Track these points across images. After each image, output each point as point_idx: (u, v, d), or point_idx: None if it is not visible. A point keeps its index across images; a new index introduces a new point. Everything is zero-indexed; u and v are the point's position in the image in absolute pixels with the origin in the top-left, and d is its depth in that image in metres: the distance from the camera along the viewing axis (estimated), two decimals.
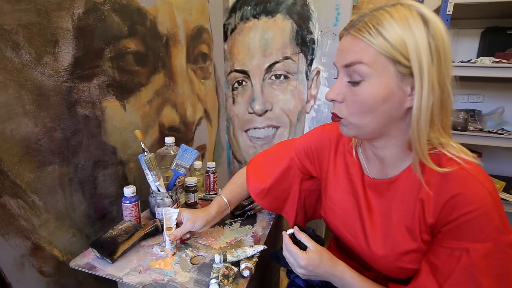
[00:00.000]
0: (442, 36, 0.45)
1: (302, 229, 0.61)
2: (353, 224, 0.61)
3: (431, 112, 0.46)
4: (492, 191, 0.46)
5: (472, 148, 0.52)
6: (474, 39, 1.79)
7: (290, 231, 0.61)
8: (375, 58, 0.45)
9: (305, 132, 1.78)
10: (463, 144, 0.52)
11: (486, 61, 1.44)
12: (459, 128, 1.51)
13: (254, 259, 0.65)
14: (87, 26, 0.75)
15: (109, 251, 0.64)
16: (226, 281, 0.58)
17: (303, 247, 0.58)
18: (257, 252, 0.67)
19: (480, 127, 1.58)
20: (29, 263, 0.66)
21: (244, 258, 0.65)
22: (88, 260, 0.67)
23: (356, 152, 0.63)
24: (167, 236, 0.67)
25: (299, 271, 0.57)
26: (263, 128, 1.93)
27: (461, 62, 1.49)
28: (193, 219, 0.71)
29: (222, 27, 1.60)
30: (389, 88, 0.47)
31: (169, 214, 0.71)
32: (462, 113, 1.52)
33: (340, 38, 0.52)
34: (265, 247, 0.68)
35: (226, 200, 0.78)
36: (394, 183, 0.55)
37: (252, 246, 0.67)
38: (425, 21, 0.45)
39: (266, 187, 0.76)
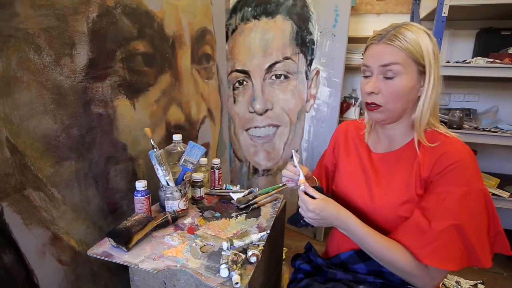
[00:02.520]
0: (436, 44, 0.65)
1: (313, 187, 0.70)
2: (361, 187, 0.75)
3: (434, 100, 0.65)
4: (469, 151, 0.63)
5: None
6: (469, 40, 1.84)
7: (302, 187, 0.70)
8: (405, 60, 0.63)
9: (305, 130, 1.83)
10: None
11: (481, 61, 1.49)
12: (454, 126, 1.54)
13: (260, 247, 0.70)
14: (100, 29, 0.79)
15: (124, 240, 0.69)
16: (235, 266, 0.62)
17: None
18: (261, 237, 0.71)
19: (475, 125, 1.62)
20: (49, 252, 0.70)
21: (251, 246, 0.69)
22: (105, 249, 0.71)
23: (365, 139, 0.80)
24: (301, 170, 0.74)
25: (308, 215, 0.67)
26: (264, 127, 1.97)
27: (457, 62, 1.54)
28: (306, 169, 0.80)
29: (225, 28, 1.64)
30: (413, 81, 0.64)
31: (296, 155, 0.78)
32: (458, 112, 1.55)
33: (367, 46, 0.69)
34: (268, 231, 0.74)
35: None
36: (398, 153, 0.71)
37: (256, 234, 0.72)
38: (427, 34, 0.64)
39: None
